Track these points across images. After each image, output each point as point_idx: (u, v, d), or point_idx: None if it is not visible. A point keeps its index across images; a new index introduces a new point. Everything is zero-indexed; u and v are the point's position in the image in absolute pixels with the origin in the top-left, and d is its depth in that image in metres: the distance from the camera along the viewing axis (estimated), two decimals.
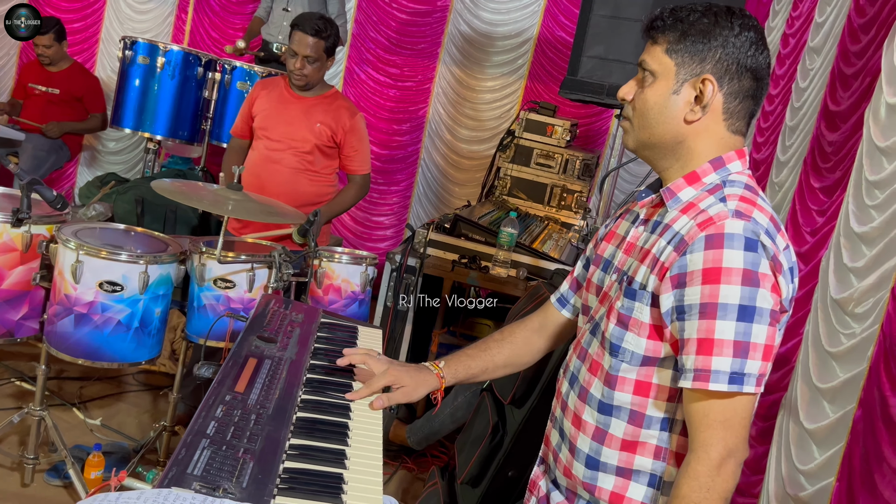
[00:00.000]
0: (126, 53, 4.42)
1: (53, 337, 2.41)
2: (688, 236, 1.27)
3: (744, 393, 1.22)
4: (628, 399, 1.36)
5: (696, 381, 1.23)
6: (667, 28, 1.33)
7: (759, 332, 1.21)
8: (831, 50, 2.67)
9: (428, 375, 1.61)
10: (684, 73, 1.33)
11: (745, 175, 1.35)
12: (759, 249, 1.22)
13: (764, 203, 1.30)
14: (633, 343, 1.35)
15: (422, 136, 5.73)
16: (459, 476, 2.40)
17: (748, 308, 1.21)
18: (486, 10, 5.50)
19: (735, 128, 1.36)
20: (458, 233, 3.43)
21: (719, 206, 1.28)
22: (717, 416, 1.24)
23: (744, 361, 1.21)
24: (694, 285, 1.23)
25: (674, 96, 1.33)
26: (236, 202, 2.45)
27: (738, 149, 1.36)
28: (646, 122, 1.36)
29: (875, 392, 1.77)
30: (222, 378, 1.45)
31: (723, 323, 1.21)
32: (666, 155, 1.37)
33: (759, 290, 1.21)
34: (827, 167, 2.33)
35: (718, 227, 1.24)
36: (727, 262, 1.21)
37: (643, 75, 1.37)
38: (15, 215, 2.40)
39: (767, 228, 1.25)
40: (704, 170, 1.34)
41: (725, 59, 1.31)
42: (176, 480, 1.09)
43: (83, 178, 5.95)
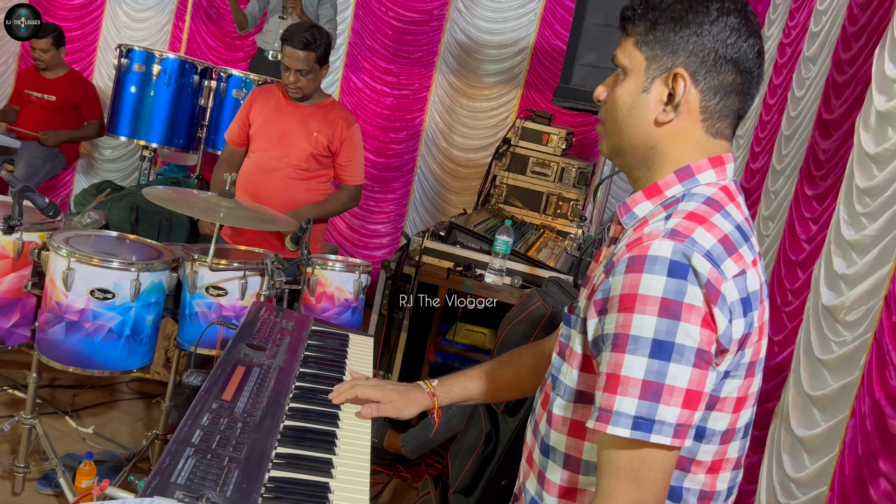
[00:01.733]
0: (122, 61, 4.42)
1: (44, 345, 2.41)
2: (617, 257, 1.11)
3: (653, 444, 1.03)
4: (563, 441, 1.19)
5: (598, 420, 1.06)
6: (637, 17, 1.17)
7: (678, 373, 1.02)
8: (826, 59, 2.67)
9: (419, 394, 1.54)
10: (655, 68, 1.15)
11: (716, 187, 1.15)
12: (689, 276, 1.02)
13: (723, 220, 1.10)
14: (567, 374, 1.19)
15: (418, 144, 5.74)
16: (452, 485, 2.38)
17: (664, 344, 1.02)
18: (483, 19, 5.51)
19: (715, 129, 1.17)
20: (454, 241, 3.42)
21: (659, 223, 1.10)
22: (622, 463, 1.05)
23: (654, 406, 1.02)
24: (612, 312, 1.06)
25: (643, 95, 1.16)
26: (228, 209, 2.45)
27: (714, 155, 1.17)
28: (616, 125, 1.19)
29: (867, 400, 1.76)
30: (209, 386, 1.44)
31: (632, 358, 1.03)
32: (639, 163, 1.20)
33: (679, 323, 1.01)
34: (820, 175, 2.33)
35: (643, 248, 1.06)
36: (644, 289, 1.03)
37: (617, 73, 1.21)
38: (6, 222, 2.40)
39: (710, 251, 1.05)
40: (668, 181, 1.16)
41: (700, 50, 1.12)
42: (159, 489, 1.08)
43: (80, 185, 5.94)
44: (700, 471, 1.16)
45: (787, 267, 2.49)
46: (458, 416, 3.03)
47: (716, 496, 1.20)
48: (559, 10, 5.35)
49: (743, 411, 1.15)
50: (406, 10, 5.56)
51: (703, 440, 1.12)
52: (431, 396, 1.54)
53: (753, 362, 1.13)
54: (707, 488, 1.18)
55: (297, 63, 3.11)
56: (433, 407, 1.55)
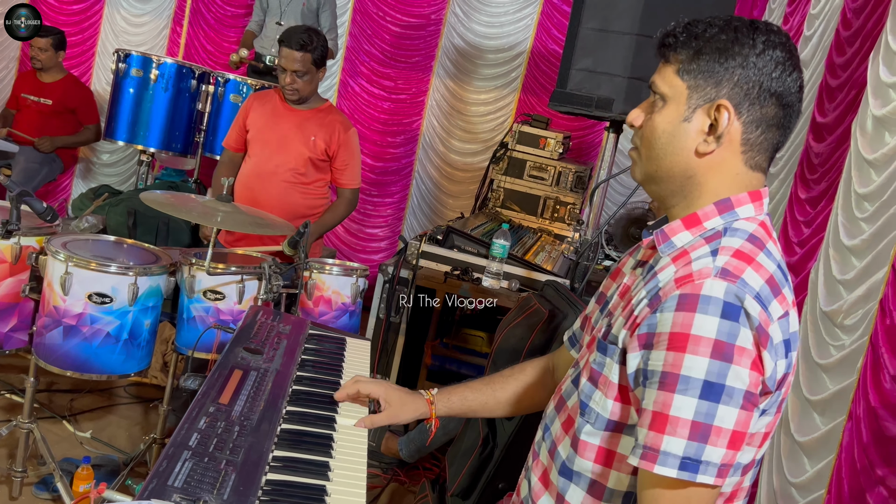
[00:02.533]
0: (119, 66, 4.43)
1: (42, 349, 2.40)
2: (663, 291, 1.09)
3: (698, 483, 1.04)
4: (589, 467, 1.19)
5: (643, 459, 1.06)
6: (679, 45, 1.16)
7: (727, 415, 1.02)
8: (820, 63, 2.68)
9: (417, 400, 1.54)
10: (697, 97, 1.15)
11: (756, 223, 1.15)
12: (741, 318, 1.03)
13: (767, 259, 1.11)
14: (600, 403, 1.18)
15: (416, 149, 5.74)
16: (450, 488, 2.38)
17: (715, 386, 1.02)
18: (480, 24, 5.52)
19: (754, 162, 1.17)
20: (451, 244, 3.43)
21: (707, 259, 1.10)
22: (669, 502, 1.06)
23: (701, 447, 1.02)
24: (659, 349, 1.06)
25: (685, 124, 1.15)
26: (225, 214, 2.45)
27: (753, 189, 1.17)
28: (652, 152, 1.18)
29: (863, 404, 1.76)
30: (207, 389, 1.44)
31: (682, 398, 1.03)
32: (674, 191, 1.19)
33: (731, 366, 1.02)
34: (814, 178, 2.34)
35: (696, 286, 1.05)
36: (697, 329, 1.02)
37: (654, 99, 1.20)
38: (4, 227, 2.40)
39: (759, 293, 1.06)
40: (707, 212, 1.16)
41: (745, 83, 1.12)
42: (156, 493, 1.08)
43: (78, 190, 5.94)
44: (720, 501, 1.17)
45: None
46: (456, 419, 3.03)
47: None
48: (556, 15, 5.37)
49: (764, 445, 1.17)
50: (404, 14, 5.58)
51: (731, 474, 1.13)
52: (430, 405, 1.54)
53: (784, 399, 1.15)
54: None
55: (294, 64, 3.12)
56: (430, 416, 1.54)
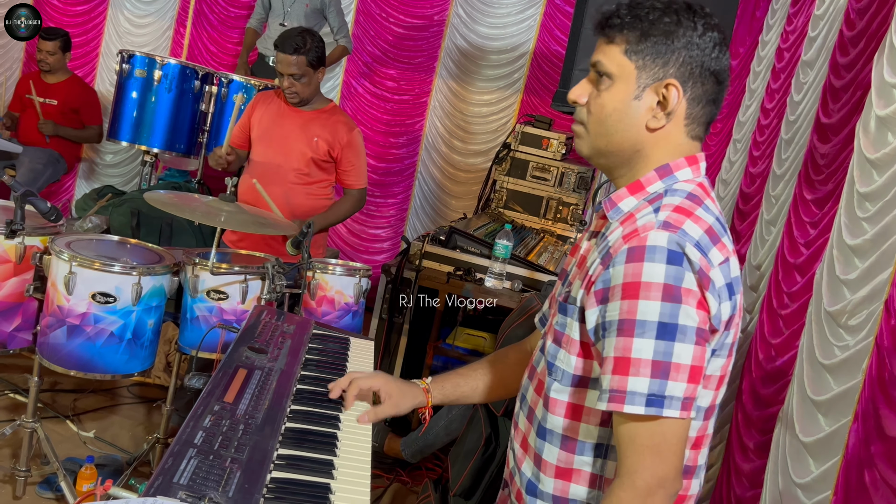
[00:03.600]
0: (123, 67, 4.44)
1: (46, 348, 2.41)
2: (613, 249, 1.19)
3: (666, 417, 1.12)
4: (560, 423, 1.27)
5: (610, 402, 1.14)
6: (625, 26, 1.23)
7: (683, 351, 1.11)
8: (824, 64, 2.68)
9: (414, 389, 1.58)
10: (646, 76, 1.22)
11: (694, 184, 1.25)
12: (684, 263, 1.12)
13: (705, 213, 1.20)
14: (564, 361, 1.27)
15: (418, 149, 5.75)
16: (452, 488, 2.38)
17: (669, 325, 1.11)
18: (483, 25, 5.52)
19: (694, 133, 1.27)
20: (454, 245, 3.43)
21: (650, 216, 1.19)
22: (644, 440, 1.13)
23: (664, 383, 1.11)
24: (615, 301, 1.15)
25: (635, 102, 1.23)
26: (229, 213, 2.45)
27: (691, 154, 1.27)
28: (604, 128, 1.25)
29: (870, 404, 1.76)
30: (212, 388, 1.45)
31: (641, 341, 1.11)
32: (622, 163, 1.28)
33: (681, 306, 1.11)
34: (819, 179, 2.34)
35: (641, 238, 1.15)
36: (647, 276, 1.12)
37: (597, 77, 1.26)
38: (9, 227, 2.40)
39: (699, 241, 1.15)
40: (649, 178, 1.26)
41: (690, 62, 1.21)
42: (162, 489, 1.08)
43: (81, 190, 5.95)
44: (686, 447, 1.22)
45: (785, 271, 2.50)
46: (459, 419, 3.03)
47: (697, 471, 1.29)
48: (559, 16, 5.37)
49: (721, 389, 1.26)
50: (407, 15, 5.58)
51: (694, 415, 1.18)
52: (426, 393, 1.58)
53: (732, 343, 1.24)
54: (690, 463, 1.27)
55: (290, 68, 3.13)
56: (427, 404, 1.58)
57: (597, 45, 1.28)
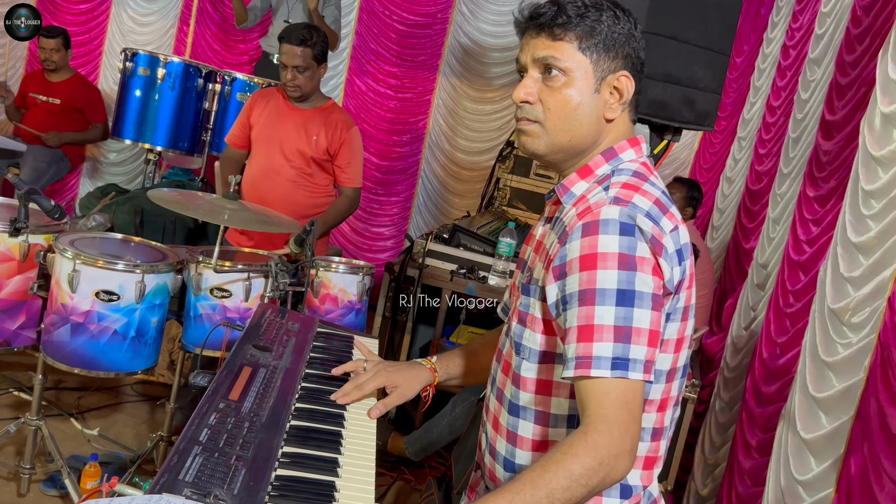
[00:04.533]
0: (127, 65, 4.44)
1: (50, 346, 2.41)
2: (568, 227, 1.25)
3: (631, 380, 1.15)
4: (531, 398, 1.32)
5: (577, 368, 1.16)
6: (573, 24, 1.28)
7: (641, 316, 1.16)
8: (831, 61, 2.67)
9: (420, 370, 1.61)
10: (601, 70, 1.29)
11: (638, 163, 1.33)
12: (636, 233, 1.19)
13: (651, 187, 1.27)
14: (530, 339, 1.32)
15: (422, 147, 5.75)
16: (456, 486, 2.39)
17: (627, 292, 1.16)
18: (486, 22, 5.52)
19: (634, 118, 1.37)
20: (457, 243, 3.43)
21: (601, 194, 1.26)
22: (619, 395, 1.15)
23: (627, 346, 1.15)
24: (573, 274, 1.20)
25: (595, 95, 1.30)
26: (232, 211, 2.46)
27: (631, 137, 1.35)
28: (568, 124, 1.30)
29: (872, 402, 1.76)
30: (217, 386, 1.45)
31: (602, 308, 1.16)
32: (576, 155, 1.34)
33: (637, 273, 1.17)
34: (822, 176, 2.34)
35: (595, 214, 1.21)
36: (602, 248, 1.18)
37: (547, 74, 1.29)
38: (13, 225, 2.41)
39: (648, 211, 1.22)
40: (596, 161, 1.33)
41: (632, 54, 1.31)
42: (167, 487, 1.09)
43: (85, 188, 5.97)
44: (652, 409, 1.30)
45: (790, 269, 2.50)
46: (462, 418, 3.03)
47: (664, 432, 1.33)
48: None
49: (681, 352, 1.30)
50: (410, 13, 5.58)
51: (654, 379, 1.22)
52: (433, 372, 1.62)
53: (687, 307, 1.28)
54: (657, 426, 1.31)
55: (294, 59, 3.14)
56: (433, 381, 1.62)
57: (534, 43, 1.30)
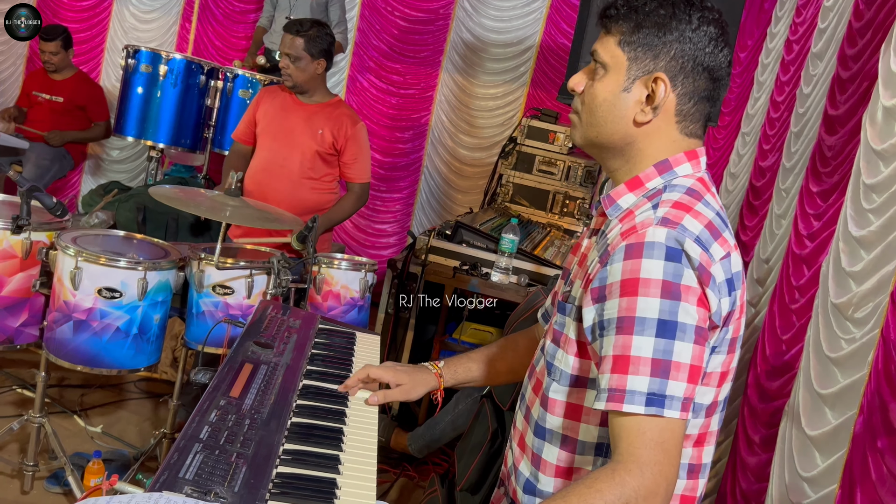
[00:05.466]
0: (129, 62, 4.44)
1: (52, 343, 2.42)
2: (611, 246, 1.16)
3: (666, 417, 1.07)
4: (559, 423, 1.25)
5: (609, 401, 1.09)
6: (621, 17, 1.21)
7: (682, 349, 1.08)
8: (833, 55, 2.66)
9: (426, 375, 1.58)
10: (636, 69, 1.20)
11: (694, 178, 1.22)
12: (683, 259, 1.09)
13: (705, 208, 1.18)
14: (562, 361, 1.24)
15: (424, 144, 5.74)
16: (459, 483, 2.38)
17: (668, 323, 1.07)
18: (489, 18, 5.51)
19: (689, 131, 1.24)
20: (460, 239, 3.42)
21: (648, 212, 1.17)
22: (654, 435, 1.07)
23: (664, 382, 1.07)
24: (613, 298, 1.12)
25: (624, 94, 1.21)
26: (234, 208, 2.46)
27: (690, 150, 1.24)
28: (593, 119, 1.24)
29: (875, 397, 1.75)
30: (217, 383, 1.45)
31: (640, 339, 1.08)
32: (615, 155, 1.25)
33: (680, 303, 1.08)
34: (826, 171, 2.33)
35: (639, 235, 1.12)
36: (646, 273, 1.09)
37: (595, 66, 1.25)
38: (15, 222, 2.41)
39: (699, 236, 1.12)
40: (648, 174, 1.23)
41: (681, 56, 1.19)
42: (167, 484, 1.09)
43: (87, 186, 5.97)
44: (689, 444, 1.22)
45: (794, 264, 2.49)
46: (465, 414, 3.03)
47: (702, 469, 1.26)
48: (565, 9, 5.35)
49: (724, 385, 1.22)
50: (412, 9, 5.57)
51: (693, 414, 1.16)
52: (438, 377, 1.58)
53: (734, 339, 1.20)
54: (695, 462, 1.24)
55: (286, 47, 3.19)
56: (439, 387, 1.58)
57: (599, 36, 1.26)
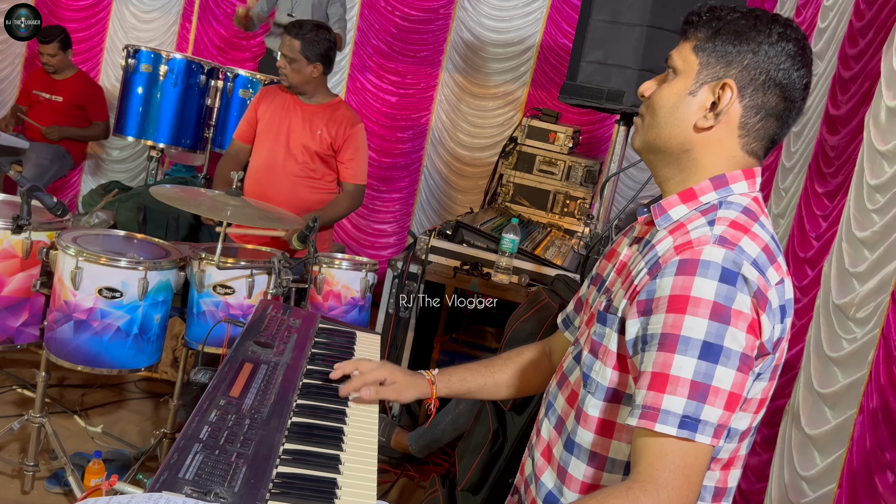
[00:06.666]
0: (129, 62, 4.44)
1: (53, 343, 2.41)
2: (663, 259, 1.13)
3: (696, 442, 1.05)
4: (590, 438, 1.22)
5: (642, 418, 1.07)
6: (701, 24, 1.20)
7: (724, 375, 1.05)
8: (834, 55, 2.66)
9: (420, 380, 1.56)
10: (706, 74, 1.18)
11: (749, 198, 1.19)
12: (739, 282, 1.06)
13: (761, 230, 1.15)
14: (600, 373, 1.21)
15: (424, 143, 5.74)
16: (460, 483, 2.38)
17: (714, 346, 1.04)
18: (489, 17, 5.51)
19: (750, 148, 1.20)
20: (460, 239, 3.42)
21: (704, 229, 1.13)
22: (677, 459, 1.05)
23: (700, 406, 1.04)
24: (659, 313, 1.09)
25: (689, 97, 1.19)
26: (235, 208, 2.45)
27: (748, 168, 1.21)
28: (655, 120, 1.22)
29: (875, 396, 1.75)
30: (217, 383, 1.44)
31: (682, 358, 1.05)
32: (669, 163, 1.23)
33: (728, 327, 1.05)
34: (830, 172, 2.32)
35: (695, 252, 1.09)
36: (696, 292, 1.06)
37: (667, 72, 1.24)
38: (15, 222, 2.41)
39: (756, 259, 1.09)
40: (703, 187, 1.20)
41: (754, 68, 1.16)
42: (167, 484, 1.08)
43: (87, 186, 5.97)
44: (716, 468, 1.19)
45: (796, 264, 2.49)
46: (466, 414, 3.03)
47: (727, 493, 1.23)
48: (565, 8, 5.35)
49: (760, 412, 1.19)
50: (412, 8, 5.57)
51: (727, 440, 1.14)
52: (431, 385, 1.56)
53: (778, 366, 1.18)
54: (721, 485, 1.21)
55: (285, 48, 3.20)
56: (431, 395, 1.56)
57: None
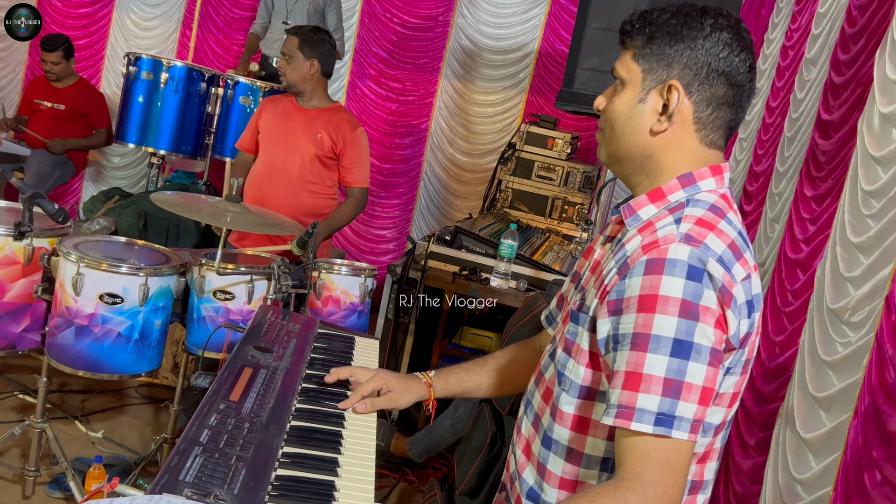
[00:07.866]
0: (130, 69, 4.46)
1: (54, 349, 2.43)
2: (631, 258, 1.15)
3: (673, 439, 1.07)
4: (566, 435, 1.24)
5: (618, 417, 1.09)
6: (635, 32, 1.22)
7: (696, 371, 1.07)
8: (826, 61, 2.68)
9: (416, 383, 1.57)
10: (651, 79, 1.20)
11: (717, 195, 1.21)
12: (705, 279, 1.08)
13: (728, 227, 1.16)
14: (573, 371, 1.23)
15: (423, 150, 5.76)
16: (458, 487, 2.40)
17: (684, 343, 1.07)
18: (488, 25, 5.54)
19: (709, 140, 1.22)
20: (459, 245, 3.44)
21: (671, 227, 1.15)
22: (660, 456, 1.07)
23: (675, 402, 1.06)
24: (629, 313, 1.11)
25: (640, 105, 1.21)
26: (235, 214, 2.47)
27: (713, 164, 1.22)
28: (613, 133, 1.24)
29: (869, 400, 1.77)
30: (217, 387, 1.46)
31: (654, 357, 1.07)
32: (635, 169, 1.25)
33: (697, 324, 1.07)
34: (820, 176, 2.34)
35: (661, 251, 1.11)
36: (665, 290, 1.08)
37: (616, 84, 1.26)
38: (17, 228, 2.43)
39: (721, 256, 1.11)
40: (670, 186, 1.21)
41: (694, 63, 1.18)
42: (167, 487, 1.10)
43: (88, 193, 5.99)
44: (693, 462, 1.21)
45: (788, 268, 2.50)
46: (465, 418, 3.04)
47: (704, 486, 1.25)
48: (563, 16, 5.38)
49: (733, 406, 1.22)
50: (411, 16, 5.60)
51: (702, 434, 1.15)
52: (428, 387, 1.57)
53: (748, 360, 1.20)
54: (697, 478, 1.24)
55: (284, 47, 3.26)
56: (429, 398, 1.58)
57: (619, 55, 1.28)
